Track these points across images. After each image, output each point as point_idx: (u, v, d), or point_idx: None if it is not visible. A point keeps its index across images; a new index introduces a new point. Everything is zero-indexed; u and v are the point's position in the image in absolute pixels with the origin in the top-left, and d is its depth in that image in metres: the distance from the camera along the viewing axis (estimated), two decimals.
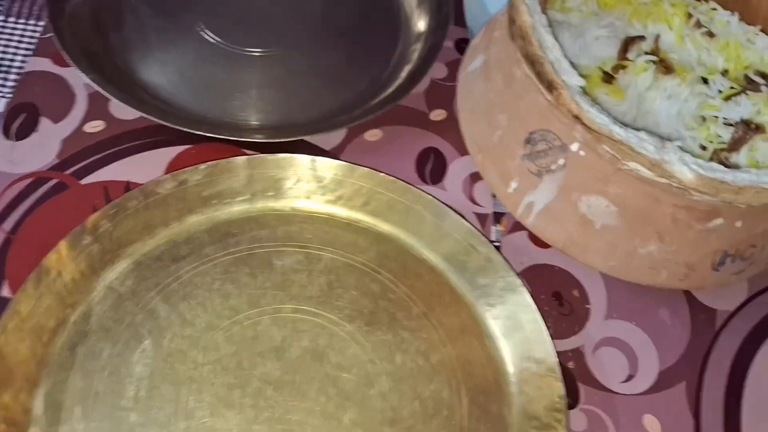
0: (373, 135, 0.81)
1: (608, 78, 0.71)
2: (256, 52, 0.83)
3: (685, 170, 0.57)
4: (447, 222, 0.73)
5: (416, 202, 0.74)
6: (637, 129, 0.59)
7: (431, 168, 0.79)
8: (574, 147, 0.62)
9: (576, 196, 0.64)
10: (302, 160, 0.74)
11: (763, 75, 0.73)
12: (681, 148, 0.59)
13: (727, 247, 0.64)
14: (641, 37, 0.74)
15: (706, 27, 0.77)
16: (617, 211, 0.63)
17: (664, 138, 0.60)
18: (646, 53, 0.73)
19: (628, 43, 0.74)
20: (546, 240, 0.68)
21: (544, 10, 0.65)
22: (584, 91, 0.61)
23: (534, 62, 0.61)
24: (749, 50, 0.77)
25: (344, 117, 0.78)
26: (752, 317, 0.75)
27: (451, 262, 0.71)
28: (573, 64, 0.62)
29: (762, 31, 0.78)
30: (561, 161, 0.64)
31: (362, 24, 0.88)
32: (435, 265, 0.71)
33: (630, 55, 0.73)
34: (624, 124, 0.59)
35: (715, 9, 0.80)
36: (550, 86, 0.60)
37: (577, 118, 0.59)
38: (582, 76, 0.63)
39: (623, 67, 0.72)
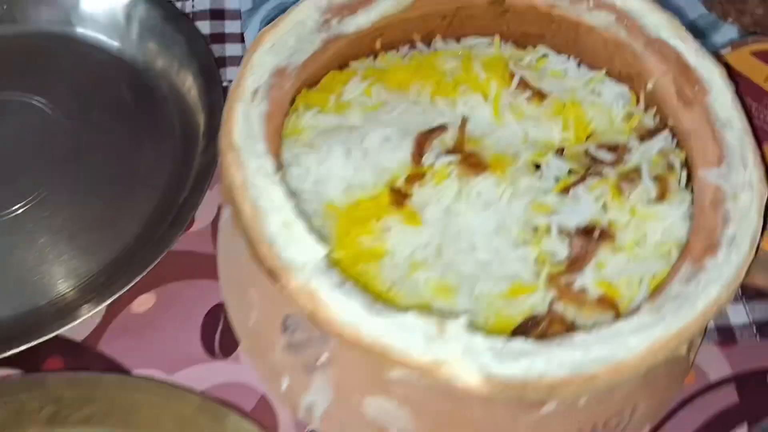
0: (142, 303, 0.62)
1: (398, 199, 0.53)
2: None
3: (471, 371, 0.39)
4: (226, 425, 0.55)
5: (185, 406, 0.56)
6: (406, 310, 0.41)
7: (221, 334, 0.61)
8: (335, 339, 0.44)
9: (357, 398, 0.46)
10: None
11: (609, 148, 0.54)
12: (473, 325, 0.41)
13: (579, 427, 0.46)
14: (441, 128, 0.56)
15: (533, 87, 0.59)
16: (410, 414, 0.45)
17: (446, 315, 0.41)
18: (448, 152, 0.54)
19: (423, 140, 0.55)
20: None
21: (275, 147, 0.47)
22: (329, 262, 0.43)
23: (248, 240, 0.43)
24: (594, 107, 0.58)
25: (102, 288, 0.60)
26: None
27: None
28: (309, 217, 0.43)
29: (608, 74, 0.59)
30: (325, 355, 0.46)
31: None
32: None
33: (427, 158, 0.54)
34: (383, 309, 0.41)
35: (545, 56, 0.61)
36: (272, 275, 0.42)
37: (313, 316, 0.41)
38: (365, 202, 0.46)
39: (420, 177, 0.54)
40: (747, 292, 0.65)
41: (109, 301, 0.59)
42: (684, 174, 0.52)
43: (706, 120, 0.49)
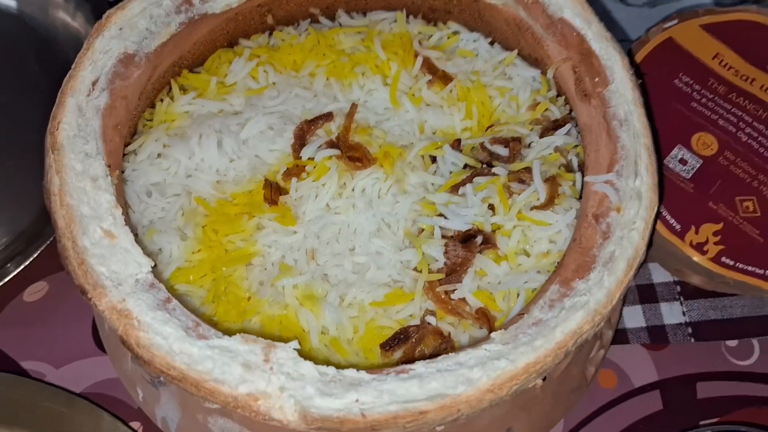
0: (34, 292, 0.60)
1: (273, 195, 0.48)
2: None
3: (288, 406, 0.36)
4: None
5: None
6: (233, 333, 0.38)
7: None
8: None
9: (202, 417, 0.43)
10: None
11: (505, 142, 0.49)
12: (299, 353, 0.37)
13: None
14: (326, 116, 0.51)
15: (437, 70, 0.53)
16: None
17: (278, 343, 0.38)
18: (331, 144, 0.50)
19: (305, 130, 0.50)
20: None
21: (113, 145, 0.43)
22: (154, 278, 0.39)
23: (60, 252, 0.39)
24: (502, 93, 0.52)
25: None
26: None
27: None
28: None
29: (520, 55, 0.53)
30: None
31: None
32: None
33: (306, 151, 0.49)
34: (206, 333, 0.37)
35: (457, 33, 0.55)
36: (83, 292, 0.38)
37: (123, 339, 0.37)
38: (239, 197, 0.43)
39: (299, 172, 0.49)
40: (685, 290, 0.60)
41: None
42: (581, 176, 0.47)
43: (603, 116, 0.44)
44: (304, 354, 0.39)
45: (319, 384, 0.36)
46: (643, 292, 0.60)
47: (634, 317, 0.59)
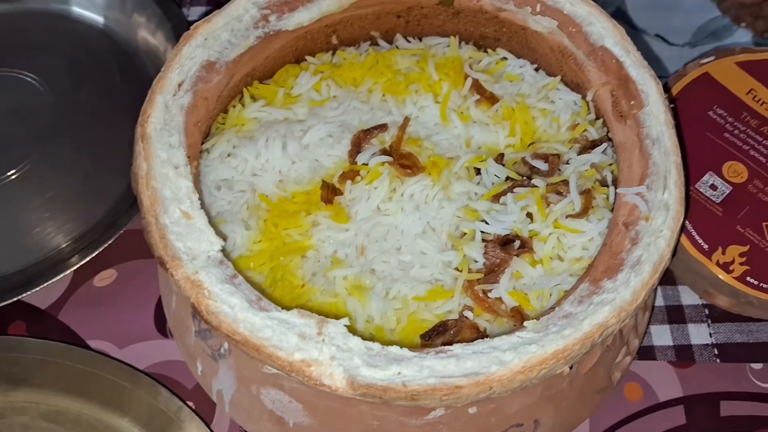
0: (104, 278, 0.66)
1: (329, 195, 0.53)
2: None
3: (337, 374, 0.40)
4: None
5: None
6: (290, 309, 0.42)
7: None
8: None
9: (255, 388, 0.47)
10: None
11: (546, 158, 0.53)
12: (349, 329, 0.42)
13: None
14: (381, 126, 0.56)
15: (485, 91, 0.58)
16: (303, 408, 0.46)
17: (330, 319, 0.42)
18: (384, 152, 0.54)
19: (361, 138, 0.55)
20: None
21: (193, 139, 0.48)
22: (224, 257, 0.44)
23: (144, 228, 0.44)
24: (544, 114, 0.57)
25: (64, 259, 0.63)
26: None
27: None
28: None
29: (563, 81, 0.58)
30: (225, 345, 0.47)
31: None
32: None
33: (361, 157, 0.54)
34: (266, 306, 0.42)
35: (505, 59, 0.60)
36: (160, 263, 0.43)
37: (195, 306, 0.42)
38: (298, 195, 0.47)
39: (354, 176, 0.54)
40: (713, 313, 0.63)
41: (66, 273, 0.63)
42: (614, 190, 0.50)
43: (636, 135, 0.48)
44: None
45: (365, 357, 0.40)
46: (672, 313, 0.63)
47: (662, 335, 0.62)
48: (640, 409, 0.59)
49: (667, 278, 0.64)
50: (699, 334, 0.62)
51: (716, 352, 0.61)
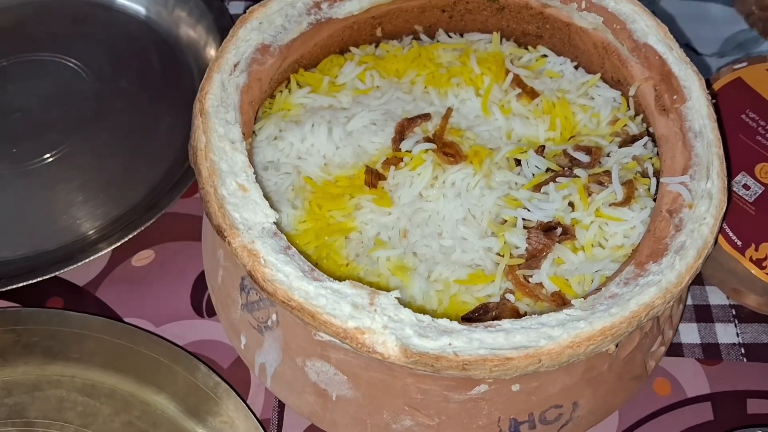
0: (142, 258, 0.67)
1: (373, 180, 0.54)
2: None
3: (390, 342, 0.41)
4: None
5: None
6: (338, 281, 0.43)
7: (208, 296, 0.64)
8: None
9: (300, 360, 0.48)
10: None
11: (587, 150, 0.55)
12: (400, 301, 0.43)
13: (514, 414, 0.47)
14: (424, 116, 0.57)
15: (525, 85, 0.59)
16: (348, 381, 0.47)
17: (381, 291, 0.43)
18: (427, 139, 0.56)
19: (405, 126, 0.57)
20: (293, 408, 0.52)
21: (247, 118, 0.49)
22: (278, 229, 0.45)
23: (202, 198, 0.46)
24: (584, 110, 0.58)
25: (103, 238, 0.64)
26: None
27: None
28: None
29: (603, 79, 0.59)
30: (274, 316, 0.48)
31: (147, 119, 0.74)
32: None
33: (405, 144, 0.56)
34: (319, 276, 0.43)
35: (545, 56, 0.61)
36: (218, 232, 0.44)
37: (251, 274, 0.43)
38: (342, 179, 0.48)
39: (397, 162, 0.55)
40: (740, 314, 0.64)
41: (105, 251, 0.64)
42: (655, 181, 0.52)
43: (679, 128, 0.49)
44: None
45: (416, 327, 0.41)
46: (700, 312, 0.64)
47: (690, 333, 0.63)
48: (668, 404, 0.60)
49: (696, 278, 0.65)
50: (726, 333, 0.63)
51: (743, 351, 0.62)
